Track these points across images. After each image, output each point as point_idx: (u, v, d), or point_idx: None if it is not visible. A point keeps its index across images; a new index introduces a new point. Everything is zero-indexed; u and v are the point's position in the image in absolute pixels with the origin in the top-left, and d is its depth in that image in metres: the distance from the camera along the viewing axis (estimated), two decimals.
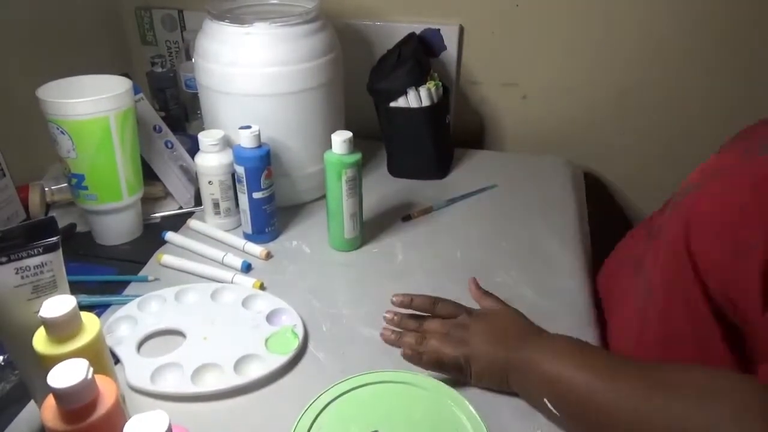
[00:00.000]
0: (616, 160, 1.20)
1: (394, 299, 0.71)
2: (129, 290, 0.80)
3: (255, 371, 0.66)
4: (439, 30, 1.14)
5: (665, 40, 1.07)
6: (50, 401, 0.47)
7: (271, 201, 0.88)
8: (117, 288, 0.80)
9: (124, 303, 0.75)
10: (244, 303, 0.76)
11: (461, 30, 1.14)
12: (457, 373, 0.64)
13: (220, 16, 0.89)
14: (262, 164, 0.84)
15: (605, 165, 1.21)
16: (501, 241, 0.90)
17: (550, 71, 1.15)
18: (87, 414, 0.46)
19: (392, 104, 1.04)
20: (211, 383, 0.65)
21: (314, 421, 0.57)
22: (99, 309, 0.75)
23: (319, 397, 0.60)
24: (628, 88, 1.13)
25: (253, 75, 0.87)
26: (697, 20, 1.05)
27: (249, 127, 0.84)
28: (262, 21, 0.87)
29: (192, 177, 1.00)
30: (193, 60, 1.16)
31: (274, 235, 0.91)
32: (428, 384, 0.62)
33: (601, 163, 1.21)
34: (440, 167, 1.10)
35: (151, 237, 0.91)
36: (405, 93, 1.02)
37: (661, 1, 1.05)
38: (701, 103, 1.11)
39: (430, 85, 1.03)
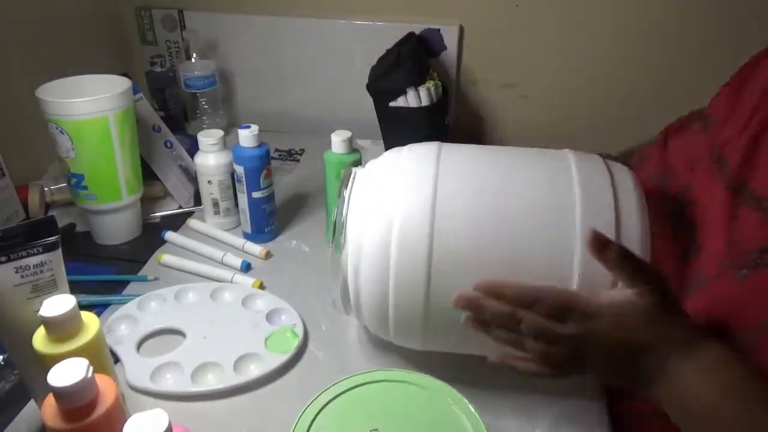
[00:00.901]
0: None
1: (478, 287, 0.54)
2: (129, 290, 0.80)
3: (255, 370, 0.66)
4: (439, 30, 1.14)
5: (668, 40, 1.07)
6: (50, 400, 0.47)
7: (271, 200, 0.88)
8: (117, 288, 0.80)
9: (123, 303, 0.75)
10: (244, 302, 0.76)
11: (461, 30, 1.15)
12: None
13: None
14: (261, 164, 0.84)
15: None
16: None
17: (550, 71, 1.15)
18: (87, 413, 0.46)
19: (392, 104, 1.04)
20: (210, 382, 0.65)
21: (314, 420, 0.57)
22: (99, 308, 0.75)
23: (318, 395, 0.59)
24: (629, 88, 1.13)
25: None
26: (703, 20, 1.04)
27: (248, 126, 0.84)
28: None
29: (191, 177, 1.00)
30: (192, 60, 1.16)
31: (274, 235, 0.91)
32: (428, 383, 0.61)
33: None
34: None
35: (150, 237, 0.91)
36: (404, 92, 1.02)
37: (665, 1, 1.05)
38: (706, 103, 1.11)
39: (430, 84, 1.03)
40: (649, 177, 0.70)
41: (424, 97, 1.02)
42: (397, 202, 0.58)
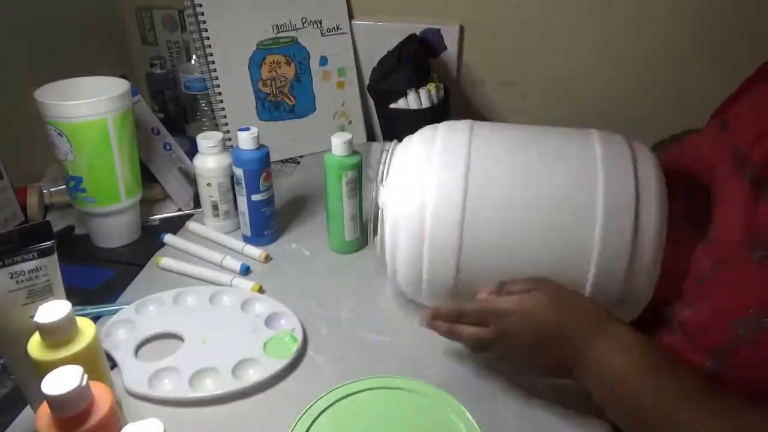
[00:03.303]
0: None
1: (424, 323, 0.64)
2: (126, 293, 0.79)
3: (253, 375, 0.65)
4: (439, 30, 1.14)
5: (668, 39, 1.07)
6: (44, 408, 0.46)
7: (270, 203, 0.87)
8: (113, 292, 0.79)
9: (113, 314, 0.74)
10: (243, 306, 0.75)
11: (461, 30, 1.14)
12: None
13: None
14: (261, 166, 0.84)
15: None
16: None
17: (550, 71, 1.14)
18: (81, 421, 0.45)
19: (392, 105, 1.03)
20: (209, 388, 0.64)
21: (310, 427, 0.57)
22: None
23: (315, 402, 0.59)
24: (629, 88, 1.12)
25: None
26: (701, 18, 1.04)
27: (248, 128, 0.83)
28: None
29: (191, 179, 0.99)
30: (192, 61, 1.16)
31: (273, 238, 0.90)
32: (426, 390, 0.61)
33: None
34: None
35: (149, 239, 0.90)
36: (405, 94, 1.02)
37: (667, 0, 1.04)
38: (706, 101, 1.10)
39: (430, 87, 1.02)
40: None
41: (425, 99, 1.02)
42: (431, 175, 0.63)
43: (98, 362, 0.55)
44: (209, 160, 0.87)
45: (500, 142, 0.66)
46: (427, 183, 0.63)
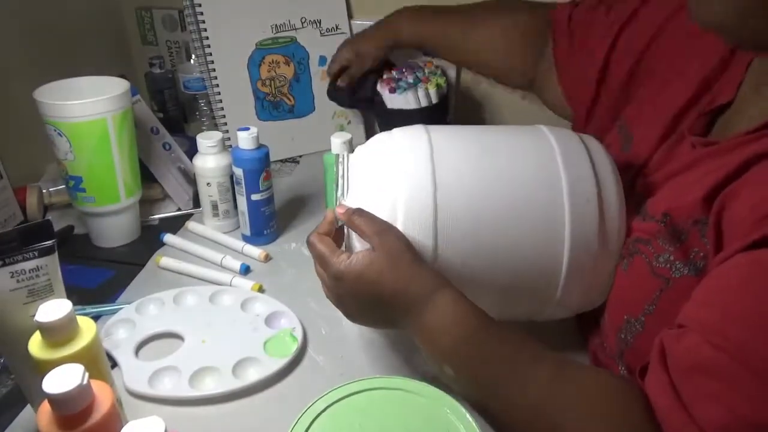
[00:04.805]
0: None
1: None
2: (126, 293, 0.79)
3: (253, 375, 0.66)
4: None
5: None
6: (45, 407, 0.46)
7: (270, 203, 0.87)
8: (113, 292, 0.79)
9: (113, 313, 0.74)
10: (243, 306, 0.75)
11: None
12: None
13: None
14: (260, 166, 0.84)
15: None
16: None
17: None
18: (82, 420, 0.46)
19: (390, 105, 1.03)
20: (209, 387, 0.65)
21: (309, 426, 0.57)
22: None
23: (315, 402, 0.59)
24: None
25: None
26: None
27: (247, 128, 0.83)
28: None
29: (190, 179, 0.99)
30: (192, 61, 1.16)
31: (273, 237, 0.90)
32: (426, 391, 0.61)
33: None
34: None
35: (149, 239, 0.90)
36: (376, 92, 1.03)
37: None
38: None
39: (430, 86, 1.02)
40: None
41: (423, 98, 1.02)
42: (398, 182, 0.60)
43: (99, 361, 0.55)
44: (209, 160, 0.87)
45: (458, 139, 0.64)
46: (397, 189, 0.60)
